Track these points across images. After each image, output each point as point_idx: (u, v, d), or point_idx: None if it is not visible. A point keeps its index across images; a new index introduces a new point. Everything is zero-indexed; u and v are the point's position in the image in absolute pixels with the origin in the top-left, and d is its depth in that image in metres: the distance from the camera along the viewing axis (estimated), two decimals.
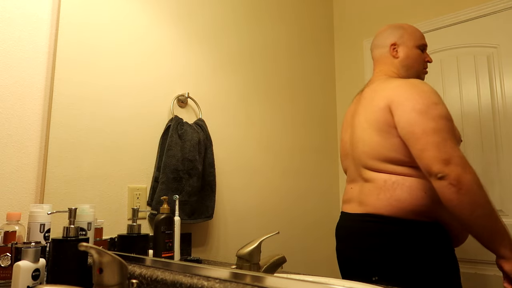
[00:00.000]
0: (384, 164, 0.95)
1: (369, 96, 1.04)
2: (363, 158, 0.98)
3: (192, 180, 1.33)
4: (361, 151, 0.98)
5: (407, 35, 1.18)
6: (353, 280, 0.77)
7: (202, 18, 1.52)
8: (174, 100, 1.40)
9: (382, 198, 0.93)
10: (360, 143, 0.99)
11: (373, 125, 0.97)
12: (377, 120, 0.96)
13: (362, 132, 0.99)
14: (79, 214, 1.10)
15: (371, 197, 0.94)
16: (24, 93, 1.32)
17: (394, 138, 0.93)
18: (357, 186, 0.99)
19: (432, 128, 0.93)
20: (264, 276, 0.74)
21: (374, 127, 0.96)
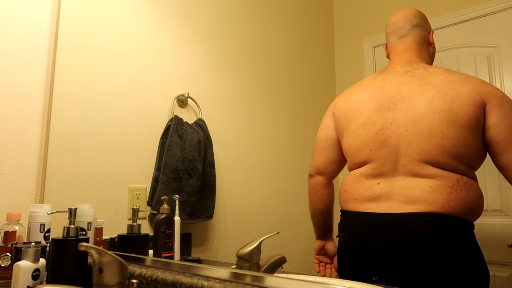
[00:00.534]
0: (458, 162, 0.88)
1: (439, 84, 0.94)
2: (433, 152, 0.88)
3: (192, 180, 1.33)
4: (435, 144, 0.87)
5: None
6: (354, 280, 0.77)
7: (202, 18, 1.52)
8: (174, 100, 1.40)
9: (454, 198, 0.87)
10: (438, 135, 0.88)
11: (461, 120, 0.88)
12: (468, 115, 0.88)
13: (442, 124, 0.88)
14: (79, 214, 1.11)
15: (438, 195, 0.86)
16: (24, 93, 1.32)
17: (479, 139, 0.88)
18: (395, 181, 0.89)
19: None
20: (264, 276, 0.74)
21: (463, 122, 0.88)
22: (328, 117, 1.09)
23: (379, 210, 0.91)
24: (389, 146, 0.91)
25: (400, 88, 0.96)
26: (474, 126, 0.88)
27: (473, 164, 0.89)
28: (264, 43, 1.57)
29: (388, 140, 0.92)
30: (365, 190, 0.93)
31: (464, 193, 0.88)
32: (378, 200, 0.92)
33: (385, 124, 0.93)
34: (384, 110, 0.95)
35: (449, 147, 0.88)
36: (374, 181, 0.93)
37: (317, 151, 1.09)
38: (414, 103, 0.92)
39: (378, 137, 0.93)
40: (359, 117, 0.98)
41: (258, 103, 1.56)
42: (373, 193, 0.92)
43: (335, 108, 1.08)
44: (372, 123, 0.95)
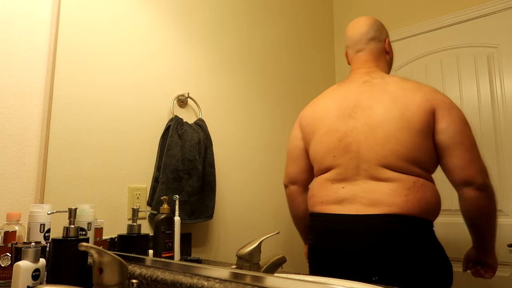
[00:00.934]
0: (413, 166, 0.94)
1: (394, 92, 1.01)
2: (389, 157, 0.95)
3: (192, 180, 1.33)
4: (390, 150, 0.94)
5: (386, 29, 1.20)
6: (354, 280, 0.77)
7: (202, 18, 1.52)
8: (174, 100, 1.40)
9: (412, 199, 0.93)
10: (392, 140, 0.95)
11: (413, 126, 0.95)
12: (419, 121, 0.95)
13: (396, 130, 0.95)
14: (79, 214, 1.11)
15: (397, 197, 0.93)
16: (24, 93, 1.32)
17: (430, 143, 0.94)
18: (358, 185, 0.96)
19: (475, 141, 0.96)
20: (264, 276, 0.74)
21: (415, 127, 0.95)
22: (296, 128, 1.15)
23: (344, 212, 0.97)
24: (351, 152, 0.98)
25: (360, 97, 1.03)
26: (426, 131, 0.95)
27: (428, 167, 0.94)
28: (264, 43, 1.57)
29: (350, 146, 0.98)
30: (331, 194, 0.99)
31: (420, 194, 0.93)
32: (343, 203, 0.98)
33: (347, 132, 1.00)
34: (346, 118, 1.02)
35: (403, 152, 0.94)
36: (339, 185, 0.99)
37: (289, 161, 1.16)
38: (372, 111, 0.99)
39: (341, 143, 0.99)
40: (323, 125, 1.05)
41: (258, 103, 1.56)
42: (338, 196, 0.98)
43: (301, 119, 1.15)
44: (335, 131, 1.02)
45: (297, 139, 1.13)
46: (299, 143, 1.12)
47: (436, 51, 1.26)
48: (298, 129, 1.14)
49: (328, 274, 0.95)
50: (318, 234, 1.01)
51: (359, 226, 0.95)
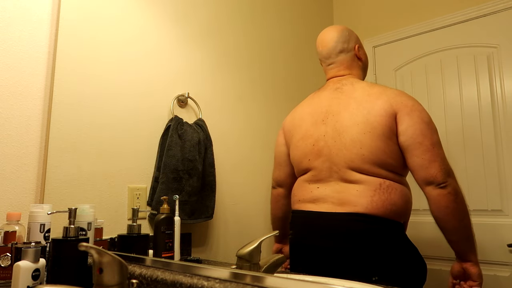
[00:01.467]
0: (379, 168, 0.98)
1: (359, 98, 1.05)
2: (355, 160, 0.99)
3: (192, 180, 1.33)
4: (356, 154, 0.99)
5: (356, 34, 1.25)
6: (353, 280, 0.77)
7: (202, 18, 1.52)
8: (174, 100, 1.40)
9: (377, 200, 0.96)
10: (357, 145, 0.99)
11: (376, 130, 0.98)
12: (382, 125, 0.98)
13: (360, 135, 0.99)
14: (79, 214, 1.10)
15: (363, 198, 0.97)
16: (24, 93, 1.32)
17: (394, 145, 0.97)
18: (331, 186, 1.01)
19: (437, 141, 0.99)
20: (264, 276, 0.74)
21: (377, 131, 0.98)
22: (280, 134, 1.21)
23: (317, 210, 1.03)
24: (324, 155, 1.04)
25: (331, 103, 1.09)
26: (388, 135, 0.98)
27: (395, 169, 0.98)
28: (264, 43, 1.57)
29: (322, 150, 1.04)
30: (307, 193, 1.06)
31: (386, 196, 0.97)
32: (316, 202, 1.04)
33: (319, 136, 1.06)
34: (319, 124, 1.08)
35: (367, 155, 0.98)
36: (314, 185, 1.05)
37: (276, 166, 1.22)
38: (340, 117, 1.04)
39: (314, 148, 1.06)
40: (299, 131, 1.12)
41: (258, 103, 1.56)
42: (313, 195, 1.05)
43: (284, 126, 1.22)
44: (309, 136, 1.08)
45: (281, 145, 1.19)
46: (283, 149, 1.18)
47: (436, 51, 1.26)
48: (281, 136, 1.20)
49: (304, 266, 1.03)
50: (296, 229, 1.07)
51: (328, 223, 1.01)
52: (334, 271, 0.98)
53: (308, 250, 1.03)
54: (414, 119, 0.99)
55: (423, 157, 0.95)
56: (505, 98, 1.11)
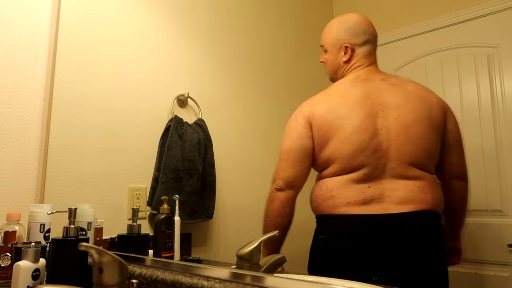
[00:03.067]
0: (432, 164, 0.98)
1: (415, 92, 1.04)
2: (420, 156, 0.97)
3: (192, 180, 1.33)
4: (422, 149, 0.97)
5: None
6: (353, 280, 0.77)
7: (202, 18, 1.52)
8: (174, 100, 1.40)
9: (437, 196, 0.96)
10: (424, 140, 0.98)
11: (436, 126, 0.99)
12: (438, 122, 0.99)
13: (425, 130, 0.99)
14: (79, 214, 1.10)
15: (427, 194, 0.95)
16: (24, 93, 1.32)
17: (440, 142, 1.00)
18: (384, 184, 0.96)
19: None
20: (264, 276, 0.74)
21: (437, 128, 0.99)
22: (303, 125, 1.09)
23: (371, 212, 0.96)
24: (381, 151, 0.98)
25: (383, 96, 1.04)
26: (440, 131, 1.00)
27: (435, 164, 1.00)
28: (264, 42, 1.57)
29: (380, 145, 0.98)
30: (358, 194, 0.98)
31: (439, 191, 0.97)
32: (370, 203, 0.97)
33: (377, 130, 1.00)
34: (373, 117, 1.01)
35: (431, 151, 0.98)
36: (365, 185, 0.98)
37: (290, 162, 1.09)
38: (402, 111, 1.00)
39: (373, 142, 0.99)
40: (350, 123, 1.02)
41: (258, 103, 1.56)
42: (365, 196, 0.97)
43: (313, 117, 1.10)
44: (365, 129, 1.00)
45: (304, 137, 1.07)
46: (306, 142, 1.07)
47: (436, 51, 1.26)
48: (306, 128, 1.08)
49: (359, 274, 0.95)
50: (352, 237, 0.98)
51: (390, 224, 0.95)
52: (405, 277, 0.94)
53: (368, 256, 0.95)
54: (456, 119, 1.01)
55: (461, 155, 0.98)
56: (505, 98, 1.11)
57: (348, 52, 1.13)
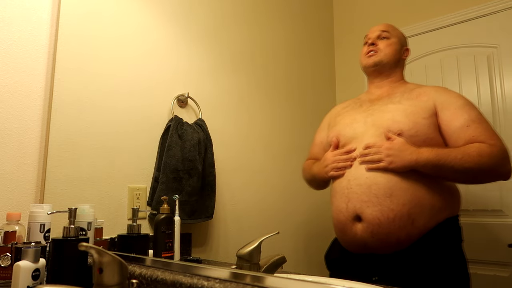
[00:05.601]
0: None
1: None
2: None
3: (192, 180, 1.33)
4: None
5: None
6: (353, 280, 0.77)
7: (202, 18, 1.52)
8: (174, 100, 1.40)
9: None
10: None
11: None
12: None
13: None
14: (79, 214, 1.10)
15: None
16: (24, 93, 1.32)
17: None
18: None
19: None
20: (264, 276, 0.74)
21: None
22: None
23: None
24: None
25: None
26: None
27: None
28: (264, 43, 1.57)
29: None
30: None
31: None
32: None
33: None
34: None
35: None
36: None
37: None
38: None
39: None
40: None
41: (258, 103, 1.56)
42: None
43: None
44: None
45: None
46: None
47: (436, 51, 1.26)
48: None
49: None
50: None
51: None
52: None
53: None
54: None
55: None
56: (505, 98, 1.11)
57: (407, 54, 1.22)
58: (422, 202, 0.99)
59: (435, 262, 0.97)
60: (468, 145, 0.98)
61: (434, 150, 0.98)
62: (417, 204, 0.98)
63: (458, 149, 0.98)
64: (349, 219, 1.04)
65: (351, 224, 1.04)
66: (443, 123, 1.02)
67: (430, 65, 1.25)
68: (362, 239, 1.02)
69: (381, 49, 1.15)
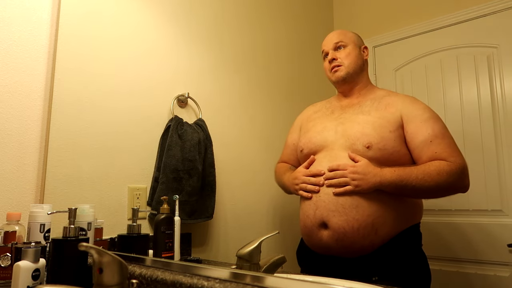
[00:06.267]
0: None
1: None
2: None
3: (192, 180, 1.33)
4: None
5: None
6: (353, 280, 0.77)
7: (202, 18, 1.52)
8: (174, 100, 1.40)
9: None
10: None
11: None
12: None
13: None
14: (79, 214, 1.10)
15: None
16: (24, 93, 1.32)
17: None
18: None
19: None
20: (264, 276, 0.74)
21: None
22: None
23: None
24: None
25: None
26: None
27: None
28: (264, 43, 1.57)
29: None
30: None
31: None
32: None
33: None
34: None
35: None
36: None
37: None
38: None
39: None
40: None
41: (258, 103, 1.56)
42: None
43: None
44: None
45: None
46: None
47: (436, 51, 1.26)
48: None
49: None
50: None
51: None
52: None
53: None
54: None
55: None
56: (505, 98, 1.11)
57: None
58: (385, 213, 1.03)
59: (396, 264, 1.03)
60: (428, 163, 1.03)
61: (397, 171, 1.03)
62: (381, 215, 1.03)
63: (419, 168, 1.04)
64: (315, 225, 1.08)
65: (317, 230, 1.08)
66: (408, 135, 1.07)
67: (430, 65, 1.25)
68: (327, 244, 1.06)
69: (342, 61, 1.18)
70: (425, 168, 1.02)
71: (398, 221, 1.04)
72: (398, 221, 1.04)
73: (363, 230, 1.01)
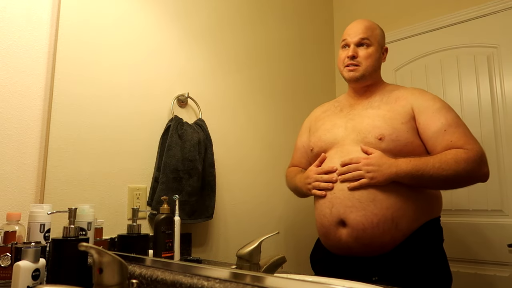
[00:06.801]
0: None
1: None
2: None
3: (192, 180, 1.33)
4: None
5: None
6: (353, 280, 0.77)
7: (202, 18, 1.52)
8: (174, 100, 1.40)
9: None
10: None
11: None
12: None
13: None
14: (79, 214, 1.10)
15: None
16: (24, 93, 1.32)
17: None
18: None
19: None
20: (264, 276, 0.74)
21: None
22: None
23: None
24: None
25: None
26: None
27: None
28: (265, 43, 1.56)
29: None
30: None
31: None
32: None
33: None
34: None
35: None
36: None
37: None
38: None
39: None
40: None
41: (258, 103, 1.55)
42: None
43: None
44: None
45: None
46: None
47: (436, 51, 1.26)
48: None
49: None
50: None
51: None
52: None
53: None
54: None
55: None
56: (505, 98, 1.11)
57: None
58: (405, 205, 0.99)
59: (418, 263, 0.98)
60: (445, 152, 0.99)
61: (412, 161, 0.99)
62: (400, 208, 0.98)
63: (435, 157, 0.99)
64: (333, 224, 1.04)
65: (335, 229, 1.04)
66: (420, 127, 1.03)
67: (430, 65, 1.25)
68: (346, 244, 1.02)
69: (361, 61, 1.12)
70: (442, 156, 0.98)
71: (418, 214, 1.00)
72: (418, 214, 1.00)
73: (382, 224, 0.97)
